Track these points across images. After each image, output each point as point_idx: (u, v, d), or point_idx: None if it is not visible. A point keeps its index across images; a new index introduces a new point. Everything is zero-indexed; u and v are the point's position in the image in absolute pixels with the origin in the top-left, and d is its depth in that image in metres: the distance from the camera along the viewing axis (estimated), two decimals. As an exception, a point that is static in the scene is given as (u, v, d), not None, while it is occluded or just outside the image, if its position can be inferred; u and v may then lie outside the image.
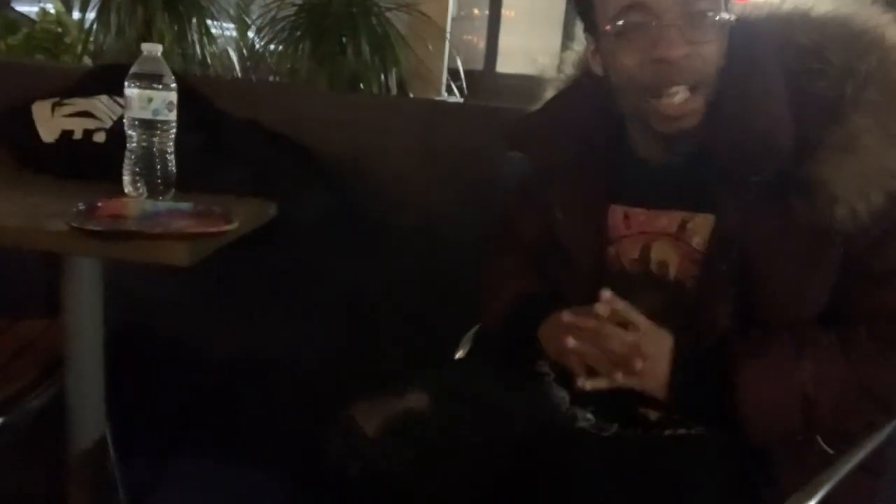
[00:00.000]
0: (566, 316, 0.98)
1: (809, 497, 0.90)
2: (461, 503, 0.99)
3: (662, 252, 1.02)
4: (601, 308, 0.93)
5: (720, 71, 0.94)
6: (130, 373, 1.52)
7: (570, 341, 0.96)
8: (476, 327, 1.27)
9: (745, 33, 0.95)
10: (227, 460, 1.66)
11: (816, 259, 0.92)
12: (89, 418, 1.31)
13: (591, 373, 0.97)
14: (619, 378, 0.93)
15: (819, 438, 0.96)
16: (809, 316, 0.95)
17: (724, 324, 0.96)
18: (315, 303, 1.68)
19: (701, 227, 0.99)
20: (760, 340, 0.94)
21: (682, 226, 1.00)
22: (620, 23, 0.93)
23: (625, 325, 0.95)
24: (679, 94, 0.92)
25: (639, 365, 0.91)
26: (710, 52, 0.93)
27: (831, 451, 0.96)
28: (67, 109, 1.39)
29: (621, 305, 0.94)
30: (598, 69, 1.03)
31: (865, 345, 0.91)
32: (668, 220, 1.02)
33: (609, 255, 1.07)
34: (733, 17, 0.94)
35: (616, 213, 1.07)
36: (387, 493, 0.96)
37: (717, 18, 0.92)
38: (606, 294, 0.94)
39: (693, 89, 0.93)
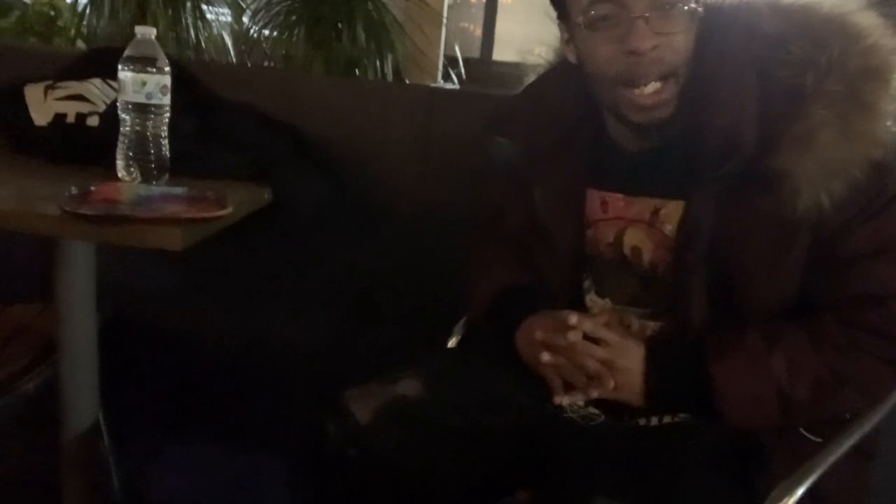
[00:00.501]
0: (539, 334, 1.00)
1: (800, 483, 0.91)
2: (455, 488, 1.00)
3: (636, 238, 1.03)
4: (571, 336, 0.95)
5: (690, 60, 0.95)
6: (125, 358, 1.52)
7: (545, 357, 0.98)
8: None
9: (714, 22, 0.95)
10: (221, 445, 1.66)
11: (784, 247, 0.93)
12: (83, 403, 1.31)
13: (568, 385, 0.99)
14: (595, 393, 0.96)
15: (802, 430, 0.97)
16: (782, 305, 0.96)
17: (699, 313, 0.97)
18: (310, 289, 1.68)
19: (673, 214, 1.00)
20: (732, 338, 0.95)
21: (656, 213, 1.02)
22: (592, 13, 0.94)
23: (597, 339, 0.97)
24: (650, 86, 0.94)
25: (610, 384, 0.94)
26: (680, 43, 0.93)
27: (817, 440, 0.96)
28: (60, 93, 1.38)
29: (588, 326, 0.96)
30: (572, 58, 1.03)
31: (834, 335, 0.92)
32: (642, 206, 1.03)
33: (587, 238, 1.09)
34: (702, 7, 0.94)
35: (594, 197, 1.08)
36: (384, 477, 0.97)
37: (687, 9, 0.93)
38: (572, 319, 0.96)
39: (664, 79, 0.94)
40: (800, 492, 0.90)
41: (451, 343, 1.26)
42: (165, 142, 1.21)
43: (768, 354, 0.92)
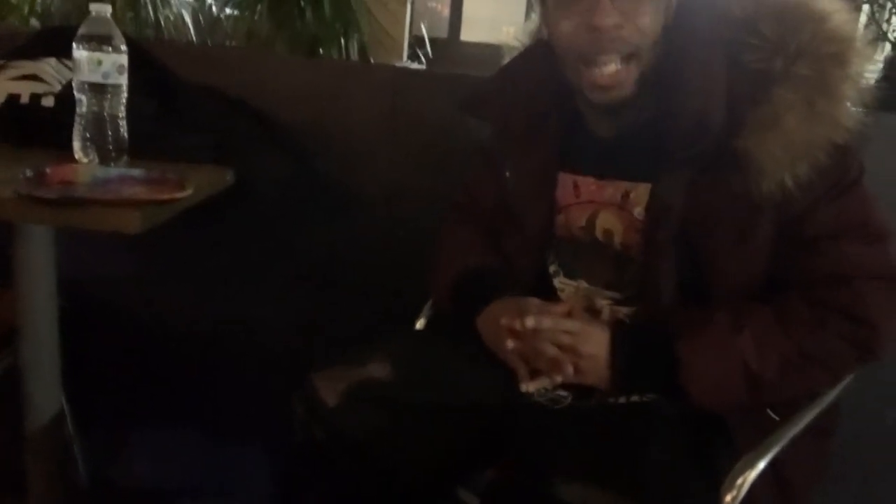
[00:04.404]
0: (503, 320, 0.99)
1: (761, 457, 0.93)
2: (424, 468, 1.01)
3: (607, 221, 1.04)
4: (529, 322, 0.95)
5: (657, 43, 0.95)
6: (88, 343, 1.50)
7: (510, 344, 0.98)
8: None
9: (684, 5, 0.96)
10: (188, 430, 1.65)
11: (750, 226, 0.94)
12: (45, 389, 1.29)
13: (535, 371, 0.99)
14: (559, 379, 0.96)
15: (769, 410, 0.98)
16: (749, 285, 0.97)
17: (669, 295, 0.98)
18: (276, 271, 1.67)
19: (642, 197, 1.00)
20: (699, 317, 0.95)
21: (626, 196, 1.02)
22: None
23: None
24: (610, 65, 0.94)
25: (569, 370, 0.95)
26: (645, 24, 0.93)
27: (776, 418, 0.98)
28: (13, 73, 1.35)
29: (548, 323, 0.96)
30: (545, 34, 1.03)
31: (800, 313, 0.93)
32: (613, 190, 1.03)
33: (558, 222, 1.09)
34: None
35: (566, 180, 1.08)
36: (353, 458, 0.97)
37: None
38: (529, 322, 0.95)
39: (626, 59, 0.94)
40: (761, 465, 0.92)
41: (419, 324, 1.26)
42: (123, 123, 1.18)
43: (736, 333, 0.93)
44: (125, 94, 1.18)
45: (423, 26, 2.86)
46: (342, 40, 2.35)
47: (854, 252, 0.93)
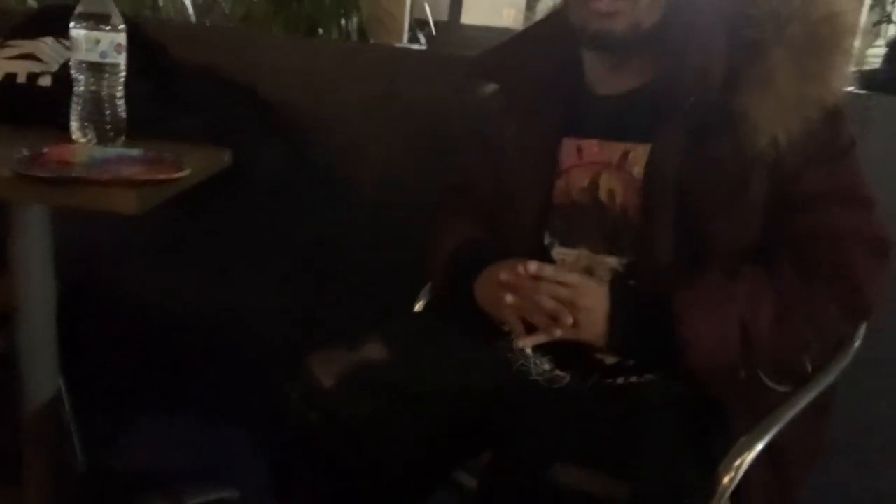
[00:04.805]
0: (503, 275, 1.01)
1: (758, 439, 0.93)
2: (420, 451, 1.01)
3: (609, 182, 1.07)
4: (531, 267, 0.97)
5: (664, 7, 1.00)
6: (86, 327, 1.50)
7: (509, 298, 0.99)
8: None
9: None
10: (185, 415, 1.65)
11: (744, 183, 0.97)
12: (42, 372, 1.29)
13: (531, 329, 0.99)
14: (558, 333, 0.97)
15: (762, 375, 0.99)
16: (743, 246, 0.99)
17: (665, 255, 0.99)
18: (273, 254, 1.67)
19: (641, 157, 1.03)
20: (695, 273, 0.97)
21: (625, 156, 1.05)
22: None
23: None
24: None
25: (568, 320, 0.95)
26: None
27: (779, 388, 0.99)
28: (10, 52, 1.34)
29: (549, 272, 0.98)
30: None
31: (789, 271, 0.96)
32: (613, 150, 1.07)
33: (557, 187, 1.11)
34: None
35: (569, 145, 1.11)
36: (348, 441, 0.97)
37: None
38: (532, 266, 0.97)
39: None
40: (758, 447, 0.93)
41: (418, 307, 1.26)
42: (121, 102, 1.18)
43: (731, 287, 0.95)
44: (123, 74, 1.17)
45: (426, 7, 2.83)
46: (341, 21, 2.33)
47: (841, 215, 0.97)
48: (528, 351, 1.06)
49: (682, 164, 0.98)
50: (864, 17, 2.27)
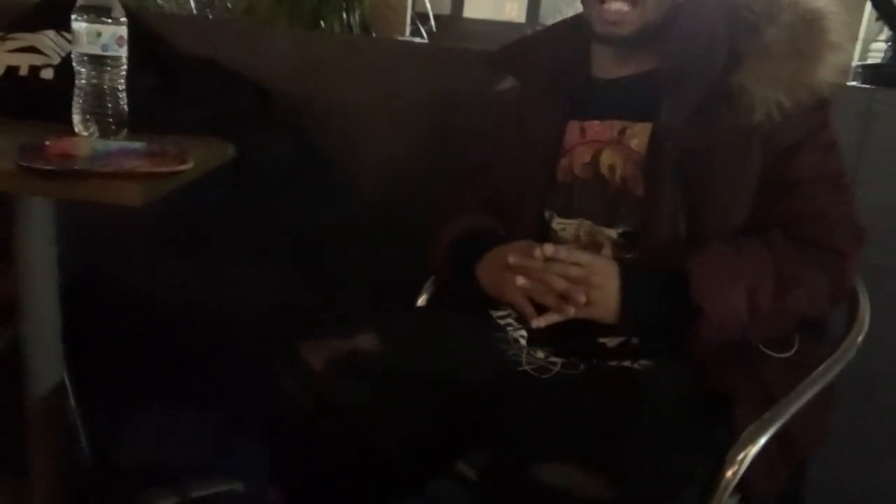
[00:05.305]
0: (512, 258, 1.02)
1: (762, 432, 0.93)
2: (410, 440, 1.00)
3: (610, 157, 1.11)
4: (548, 249, 0.99)
5: (664, 2, 1.06)
6: (90, 321, 1.49)
7: (520, 280, 0.99)
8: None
9: None
10: (190, 408, 1.65)
11: (743, 154, 1.02)
12: (47, 364, 1.29)
13: (541, 310, 0.99)
14: (571, 312, 0.97)
15: (761, 346, 1.01)
16: (735, 224, 1.03)
17: (668, 229, 1.02)
18: (275, 247, 1.67)
19: (640, 132, 1.09)
20: (700, 245, 1.00)
21: (622, 131, 1.11)
22: None
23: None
24: (616, 4, 1.05)
25: (581, 298, 0.97)
26: None
27: (779, 356, 1.01)
28: (12, 45, 1.34)
29: (563, 253, 0.99)
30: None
31: (783, 243, 1.00)
32: (612, 128, 1.12)
33: (561, 166, 1.15)
34: None
35: (573, 126, 1.16)
36: (340, 427, 0.97)
37: None
38: (549, 248, 0.99)
39: (633, 4, 1.05)
40: (762, 441, 0.93)
41: (421, 301, 1.26)
42: (123, 95, 1.17)
43: (737, 255, 0.99)
44: (125, 67, 1.16)
45: (428, 1, 2.83)
46: (344, 14, 2.32)
47: (828, 200, 1.03)
48: (524, 341, 1.07)
49: (683, 139, 1.03)
50: (867, 11, 2.26)
